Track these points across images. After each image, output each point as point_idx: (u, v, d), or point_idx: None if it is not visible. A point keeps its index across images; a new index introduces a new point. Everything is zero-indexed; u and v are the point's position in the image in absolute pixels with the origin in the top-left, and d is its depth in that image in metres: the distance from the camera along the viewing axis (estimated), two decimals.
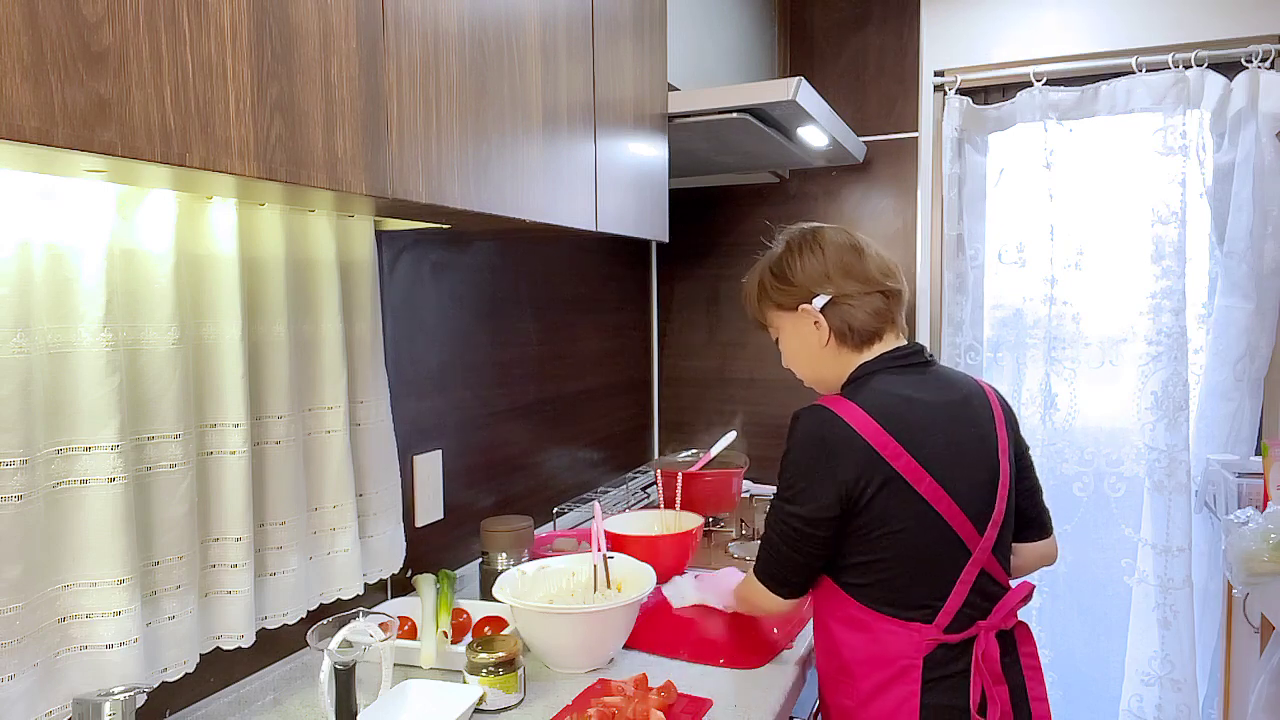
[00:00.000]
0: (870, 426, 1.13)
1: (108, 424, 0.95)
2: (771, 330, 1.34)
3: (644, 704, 1.14)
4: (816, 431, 1.15)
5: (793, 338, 1.30)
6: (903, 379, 1.21)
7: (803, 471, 1.15)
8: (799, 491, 1.15)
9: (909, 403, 1.17)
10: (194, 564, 1.07)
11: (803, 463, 1.15)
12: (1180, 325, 2.19)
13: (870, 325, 1.24)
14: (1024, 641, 1.25)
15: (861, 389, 1.19)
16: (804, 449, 1.16)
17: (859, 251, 1.26)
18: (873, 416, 1.14)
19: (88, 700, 0.90)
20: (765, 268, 1.31)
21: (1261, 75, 2.13)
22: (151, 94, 0.68)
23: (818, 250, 1.26)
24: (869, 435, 1.12)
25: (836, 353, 1.25)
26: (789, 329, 1.30)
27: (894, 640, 1.15)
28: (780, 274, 1.28)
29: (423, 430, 1.60)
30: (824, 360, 1.27)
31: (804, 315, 1.25)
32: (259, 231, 1.16)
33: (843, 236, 1.28)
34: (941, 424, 1.17)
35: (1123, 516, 2.37)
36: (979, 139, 2.46)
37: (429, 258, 1.60)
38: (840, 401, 1.16)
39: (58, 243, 0.92)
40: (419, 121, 0.99)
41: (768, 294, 1.30)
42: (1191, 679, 2.21)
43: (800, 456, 1.16)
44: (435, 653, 1.29)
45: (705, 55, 2.04)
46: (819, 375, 1.30)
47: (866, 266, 1.25)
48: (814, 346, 1.26)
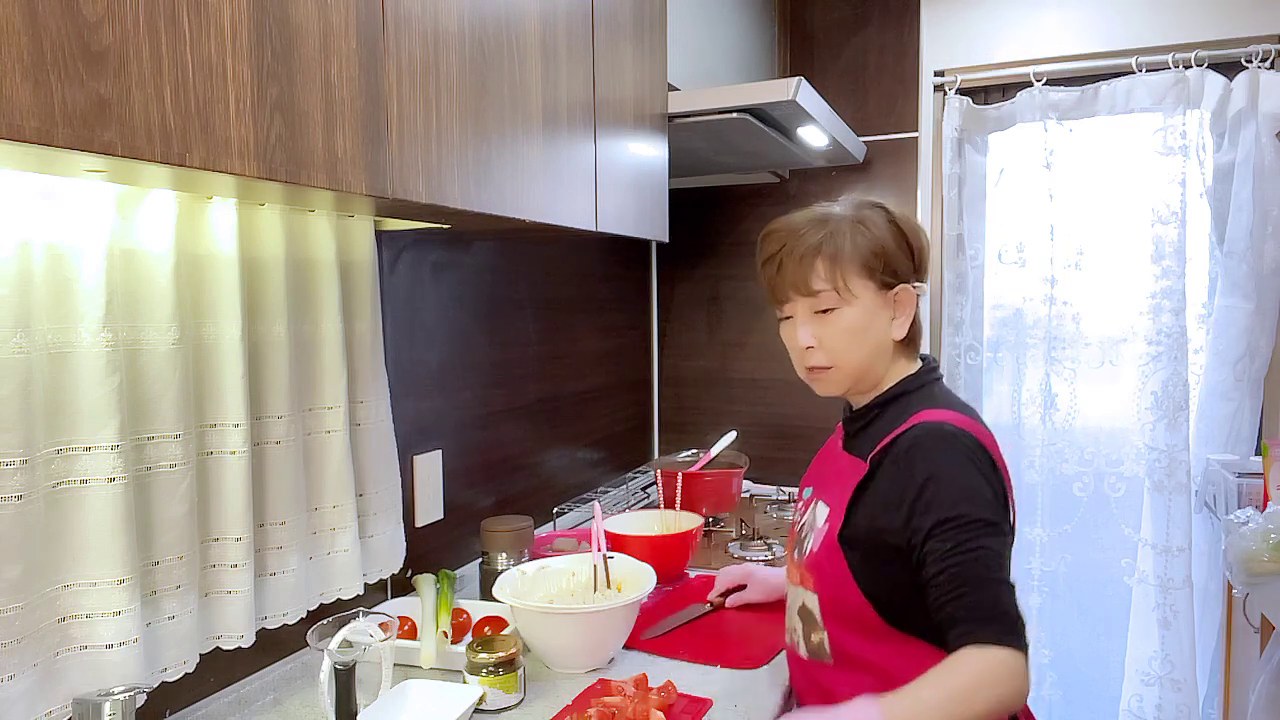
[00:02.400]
0: (990, 441, 1.05)
1: (108, 424, 0.95)
2: (825, 299, 1.09)
3: (644, 704, 1.14)
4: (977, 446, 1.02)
5: (867, 318, 1.09)
6: (947, 389, 1.15)
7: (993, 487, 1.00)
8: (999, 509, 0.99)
9: (974, 409, 1.11)
10: (194, 564, 1.07)
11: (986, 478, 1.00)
12: (1180, 325, 2.19)
13: (920, 329, 1.15)
14: None
15: (940, 401, 1.09)
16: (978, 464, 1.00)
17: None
18: (991, 436, 1.06)
19: (88, 700, 0.90)
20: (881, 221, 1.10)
21: (1261, 75, 2.13)
22: (151, 94, 0.68)
23: (915, 231, 1.13)
24: (994, 451, 1.04)
25: (894, 353, 1.13)
26: (867, 307, 1.09)
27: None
28: (900, 239, 1.10)
29: (423, 430, 1.60)
30: (883, 357, 1.12)
31: (899, 298, 1.10)
32: (259, 231, 1.16)
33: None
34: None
35: (1123, 516, 2.37)
36: (979, 139, 2.46)
37: (429, 258, 1.60)
38: (953, 416, 1.05)
39: (58, 243, 0.92)
40: (419, 121, 0.99)
41: (871, 254, 1.08)
42: (1191, 679, 2.21)
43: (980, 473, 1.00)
44: (435, 653, 1.29)
45: (705, 55, 2.04)
46: (865, 371, 1.12)
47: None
48: (884, 338, 1.11)
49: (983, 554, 0.95)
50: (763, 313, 2.61)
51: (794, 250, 1.09)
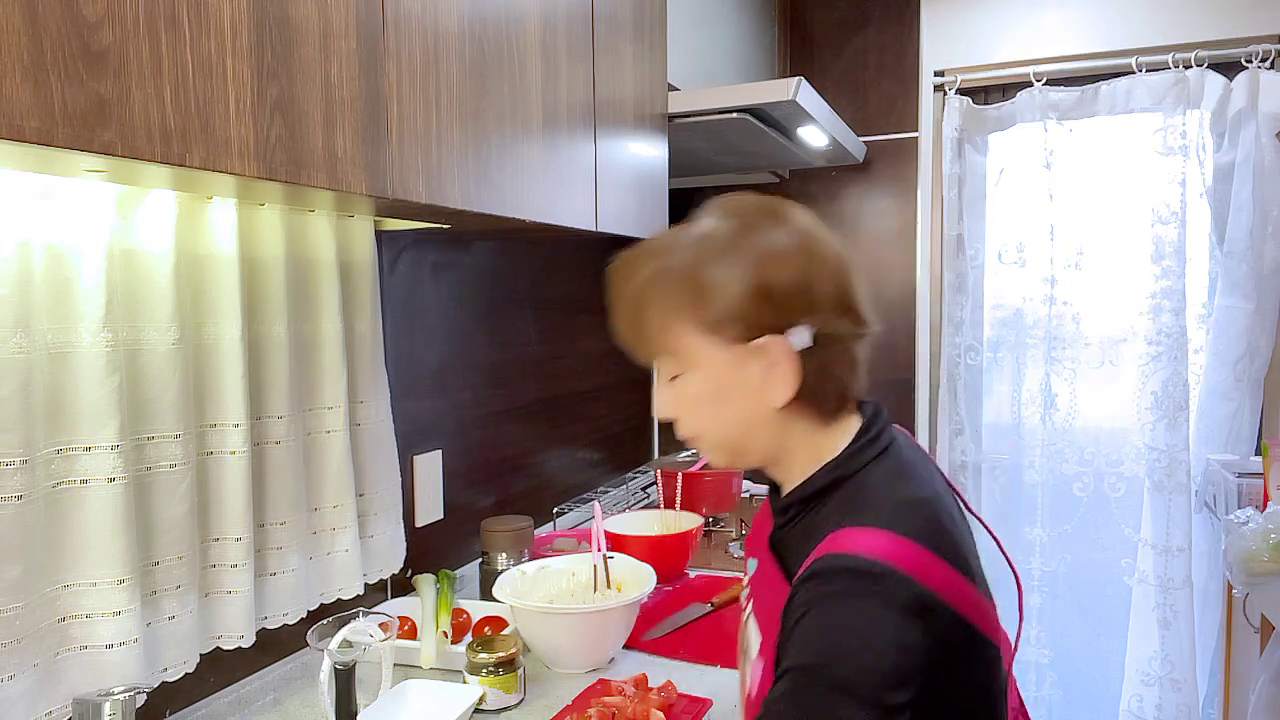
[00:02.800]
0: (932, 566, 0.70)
1: (108, 424, 0.95)
2: (669, 363, 0.82)
3: (644, 704, 1.14)
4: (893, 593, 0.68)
5: (721, 385, 0.80)
6: (895, 470, 0.79)
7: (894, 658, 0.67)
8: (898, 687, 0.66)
9: (935, 509, 0.75)
10: (194, 564, 1.07)
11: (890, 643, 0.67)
12: (1180, 325, 2.19)
13: (851, 389, 0.81)
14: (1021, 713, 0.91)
15: (869, 503, 0.75)
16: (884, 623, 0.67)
17: (847, 265, 0.81)
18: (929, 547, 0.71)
19: (88, 700, 0.90)
20: (696, 257, 0.79)
21: (1261, 75, 2.13)
22: (151, 94, 0.68)
23: (803, 245, 0.78)
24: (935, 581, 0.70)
25: (787, 422, 0.80)
26: (717, 369, 0.80)
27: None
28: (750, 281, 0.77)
29: (423, 430, 1.60)
30: (765, 429, 0.81)
31: (756, 355, 0.77)
32: (259, 231, 1.16)
33: (822, 235, 0.81)
34: (954, 508, 0.80)
35: (1123, 516, 2.37)
36: (979, 139, 2.46)
37: (429, 258, 1.60)
38: (876, 537, 0.71)
39: (58, 243, 0.92)
40: (419, 121, 0.99)
41: (699, 303, 0.78)
42: (1191, 679, 2.21)
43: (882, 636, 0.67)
44: (435, 653, 1.29)
45: (705, 55, 2.04)
46: (735, 444, 0.83)
47: (858, 292, 0.80)
48: (756, 405, 0.79)
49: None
50: None
51: (620, 302, 0.83)
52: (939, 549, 0.72)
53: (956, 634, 0.71)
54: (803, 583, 0.72)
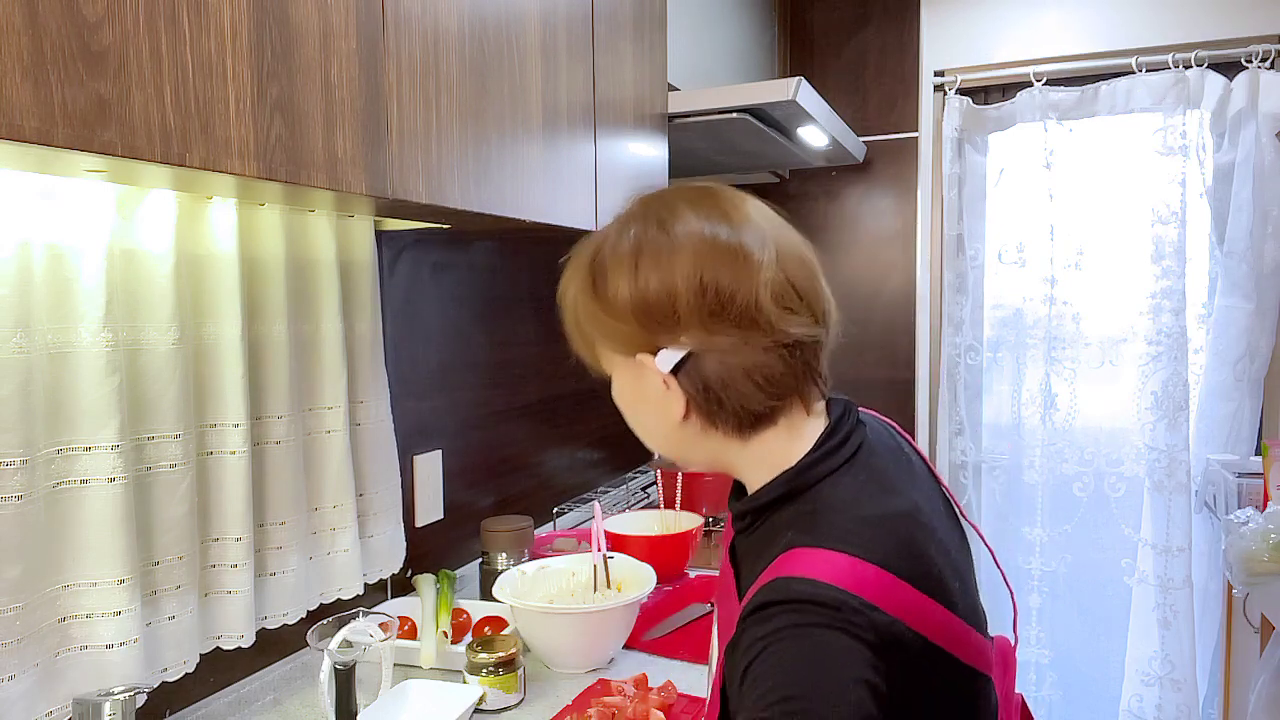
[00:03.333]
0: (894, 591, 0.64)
1: (108, 424, 0.95)
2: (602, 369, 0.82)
3: (644, 704, 1.14)
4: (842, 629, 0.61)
5: (632, 393, 0.78)
6: (862, 482, 0.71)
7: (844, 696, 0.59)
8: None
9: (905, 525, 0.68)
10: (194, 564, 1.07)
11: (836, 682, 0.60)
12: (1180, 325, 2.20)
13: (758, 405, 0.72)
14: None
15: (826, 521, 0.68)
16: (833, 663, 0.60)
17: (744, 262, 0.70)
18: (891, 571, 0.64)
19: (88, 700, 0.90)
20: (584, 272, 0.76)
21: (1261, 75, 2.13)
22: (151, 94, 0.68)
23: (663, 254, 0.71)
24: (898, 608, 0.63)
25: (702, 434, 0.75)
26: (625, 378, 0.78)
27: None
28: (601, 287, 0.74)
29: (423, 430, 1.60)
30: (683, 439, 0.77)
31: (641, 369, 0.74)
32: (259, 231, 1.16)
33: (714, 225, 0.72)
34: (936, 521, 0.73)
35: (1123, 516, 2.37)
36: (979, 139, 2.46)
37: (429, 258, 1.60)
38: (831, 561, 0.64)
39: (58, 243, 0.92)
40: (419, 121, 0.99)
41: (580, 316, 0.77)
42: (1191, 679, 2.21)
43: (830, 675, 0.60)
44: (435, 653, 1.29)
45: (705, 55, 2.04)
46: (674, 453, 0.80)
47: (753, 294, 0.69)
48: (662, 417, 0.75)
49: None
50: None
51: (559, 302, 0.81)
52: (905, 573, 0.65)
53: (926, 664, 0.65)
54: (750, 614, 0.64)
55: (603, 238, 0.76)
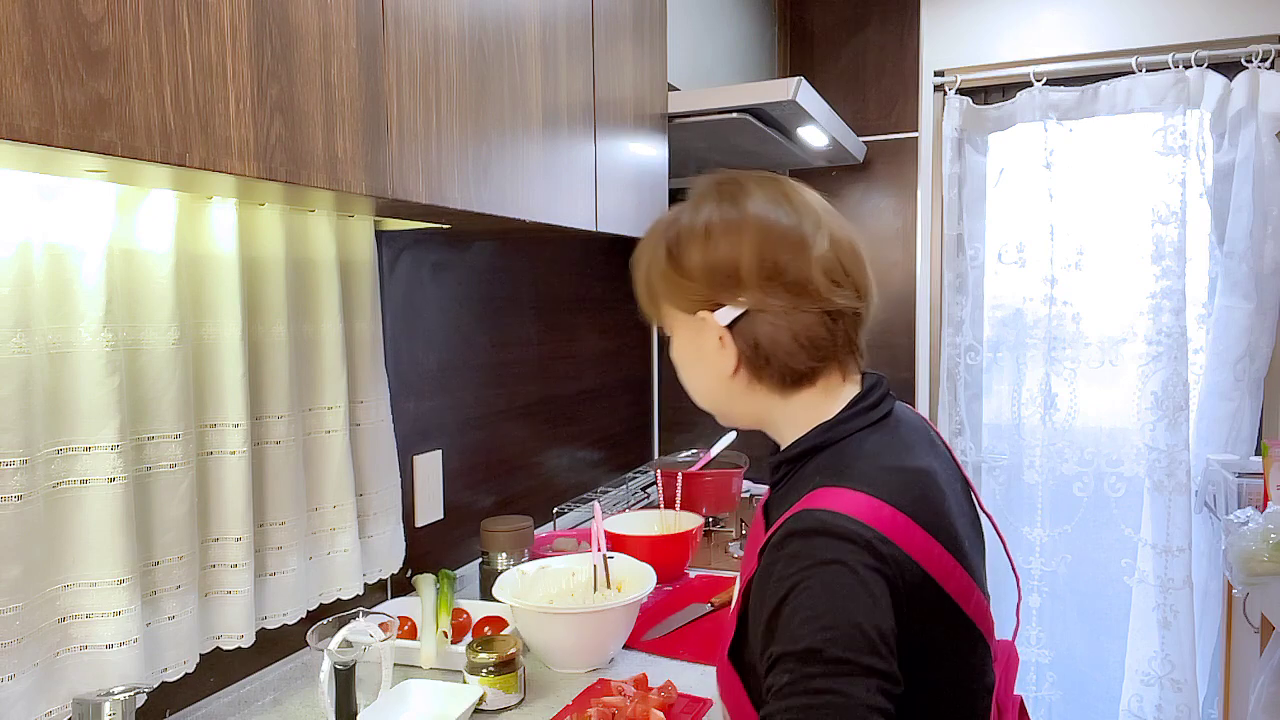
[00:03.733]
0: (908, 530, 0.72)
1: (108, 424, 0.95)
2: (665, 328, 0.91)
3: (644, 704, 1.14)
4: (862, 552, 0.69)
5: (689, 350, 0.87)
6: (887, 440, 0.81)
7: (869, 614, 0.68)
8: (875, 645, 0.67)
9: (922, 480, 0.77)
10: (194, 564, 1.07)
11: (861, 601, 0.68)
12: (1180, 325, 2.20)
13: (799, 362, 0.81)
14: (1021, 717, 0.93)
15: (852, 467, 0.77)
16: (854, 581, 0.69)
17: (800, 238, 0.80)
18: (906, 513, 0.73)
19: (88, 700, 0.90)
20: (660, 240, 0.86)
21: (1261, 75, 2.13)
22: (151, 94, 0.68)
23: (731, 225, 0.81)
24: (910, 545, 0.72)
25: (748, 389, 0.84)
26: (685, 336, 0.87)
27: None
28: (676, 252, 0.83)
29: (423, 430, 1.60)
30: (730, 393, 0.86)
31: (704, 326, 0.83)
32: (259, 231, 1.16)
33: (778, 206, 0.83)
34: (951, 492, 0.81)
35: (1123, 516, 2.37)
36: (979, 139, 2.46)
37: (429, 258, 1.60)
38: (853, 498, 0.72)
39: (58, 243, 0.92)
40: (419, 121, 0.99)
41: (654, 278, 0.87)
42: (1191, 679, 2.21)
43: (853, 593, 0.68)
44: (435, 653, 1.29)
45: (705, 55, 2.04)
46: (719, 408, 0.90)
47: (806, 267, 0.80)
48: (715, 372, 0.84)
49: (831, 701, 0.65)
50: None
51: (632, 268, 0.91)
52: (919, 518, 0.73)
53: (933, 604, 0.73)
54: (779, 543, 0.73)
55: (679, 211, 0.86)
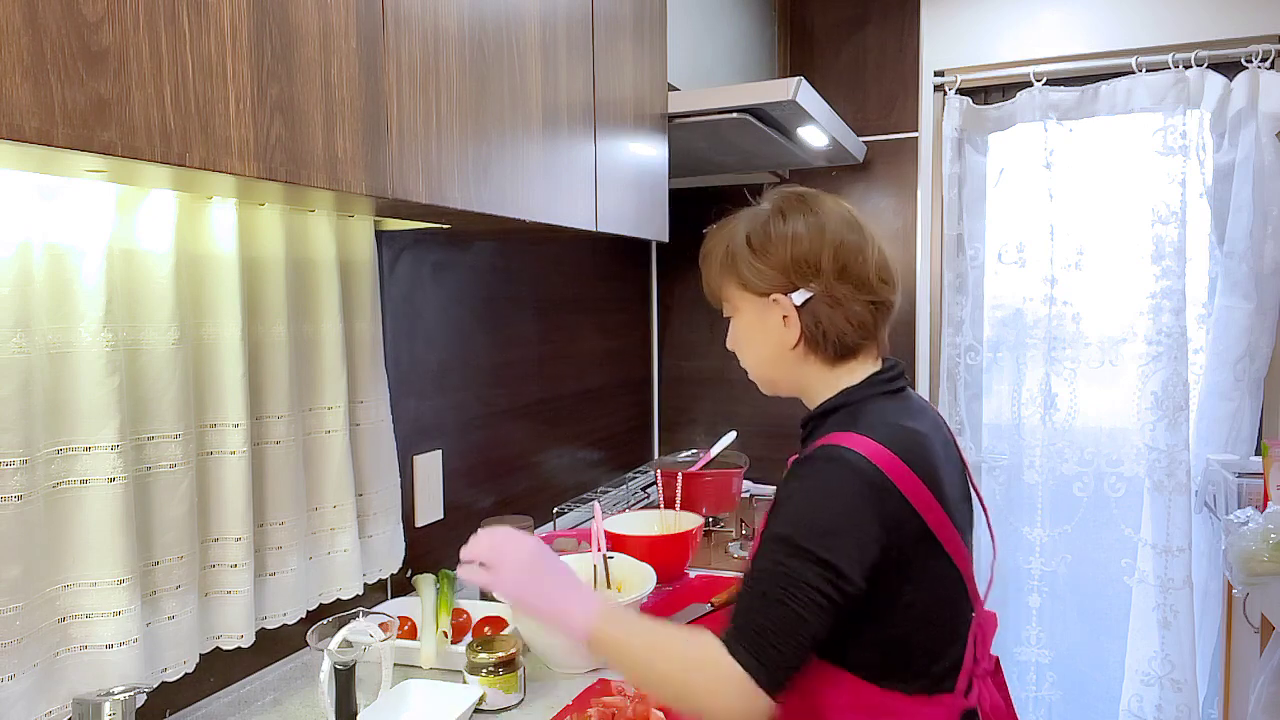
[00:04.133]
0: (899, 469, 0.89)
1: (108, 424, 0.95)
2: (725, 307, 1.09)
3: (644, 704, 1.14)
4: (863, 482, 0.88)
5: (753, 327, 1.04)
6: (896, 407, 0.99)
7: (851, 528, 0.87)
8: (834, 545, 0.85)
9: (918, 437, 0.94)
10: (194, 564, 1.07)
11: (850, 515, 0.87)
12: (1180, 325, 2.19)
13: (849, 339, 1.00)
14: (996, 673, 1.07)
15: (864, 420, 0.95)
16: (840, 495, 0.88)
17: (861, 240, 1.01)
18: (896, 454, 0.90)
19: (88, 700, 0.90)
20: (742, 231, 1.04)
21: (1261, 75, 2.13)
22: (151, 94, 0.68)
23: (814, 226, 1.00)
24: (900, 481, 0.89)
25: (802, 360, 1.02)
26: (749, 315, 1.04)
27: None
28: (760, 246, 1.01)
29: (423, 430, 1.60)
30: (785, 363, 1.03)
31: (774, 306, 1.01)
32: (259, 231, 1.16)
33: (847, 215, 1.03)
34: (940, 458, 0.97)
35: (1123, 516, 2.37)
36: (979, 139, 2.46)
37: (429, 258, 1.60)
38: (874, 447, 0.90)
39: (58, 243, 0.92)
40: (419, 121, 0.99)
41: (735, 266, 1.03)
42: (1191, 679, 2.21)
43: (835, 504, 0.87)
44: (435, 653, 1.29)
45: (705, 55, 2.04)
46: (770, 376, 1.07)
47: (865, 264, 1.00)
48: (777, 345, 1.02)
49: (779, 573, 0.86)
50: None
51: (702, 259, 1.10)
52: (911, 463, 0.90)
53: (909, 524, 0.89)
54: (793, 469, 0.93)
55: (756, 213, 1.05)
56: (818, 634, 0.86)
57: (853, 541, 0.86)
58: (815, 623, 0.85)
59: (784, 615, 0.84)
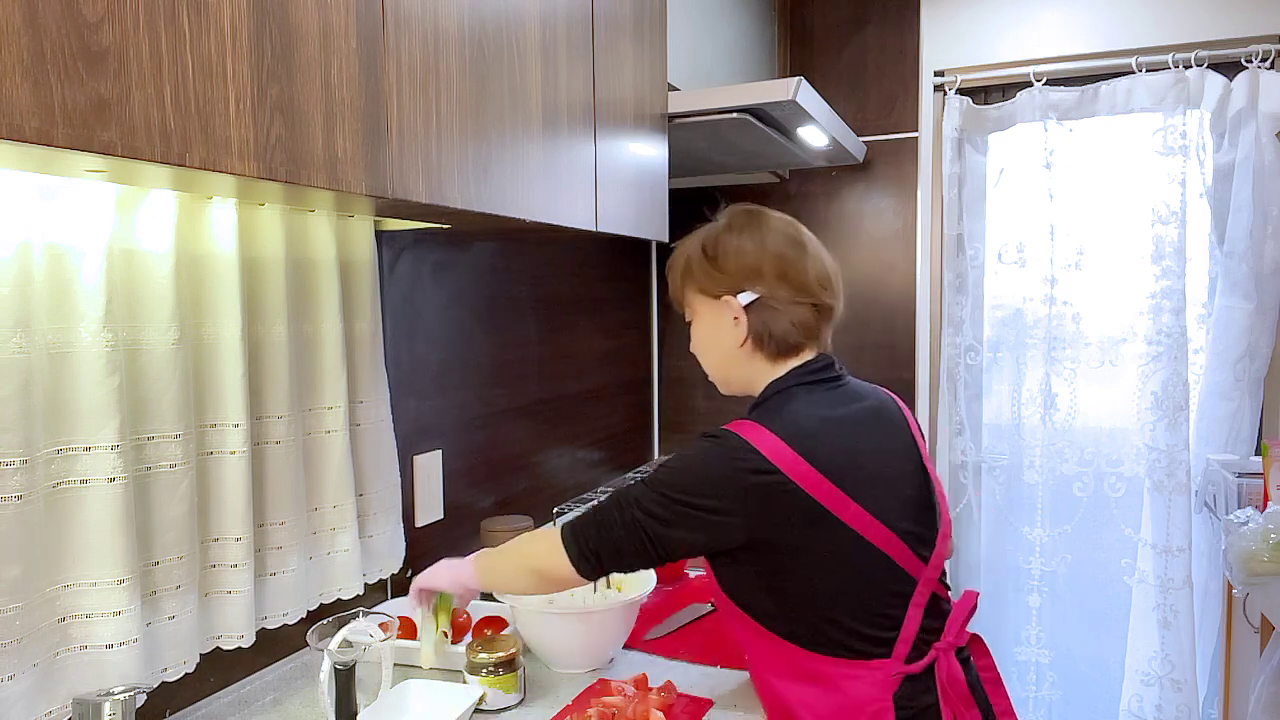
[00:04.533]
0: (788, 457, 1.01)
1: (107, 424, 0.95)
2: (687, 312, 1.22)
3: (644, 704, 1.14)
4: (733, 463, 1.01)
5: (708, 328, 1.18)
6: (816, 397, 1.10)
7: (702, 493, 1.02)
8: (680, 503, 1.02)
9: (826, 423, 1.07)
10: (194, 564, 1.07)
11: (707, 485, 1.02)
12: (1180, 325, 2.19)
13: (791, 337, 1.13)
14: (979, 654, 1.15)
15: (775, 413, 1.07)
16: (715, 477, 1.02)
17: (800, 251, 1.14)
18: (792, 446, 1.02)
19: (88, 700, 0.90)
20: (698, 243, 1.18)
21: (1261, 75, 2.13)
22: (151, 94, 0.68)
23: (757, 239, 1.14)
24: (788, 468, 1.01)
25: (750, 357, 1.15)
26: (707, 317, 1.18)
27: (857, 685, 1.03)
28: (713, 255, 1.15)
29: (423, 430, 1.60)
30: (735, 361, 1.16)
31: (725, 307, 1.14)
32: (259, 231, 1.16)
33: (788, 230, 1.16)
34: (863, 444, 1.08)
35: (1123, 516, 2.37)
36: (979, 139, 2.46)
37: (429, 258, 1.60)
38: (755, 429, 1.03)
39: (58, 243, 0.92)
40: (419, 121, 0.99)
41: (693, 272, 1.17)
42: (1191, 679, 2.21)
43: (705, 479, 1.02)
44: (435, 653, 1.29)
45: (705, 55, 2.04)
46: (726, 375, 1.19)
47: (804, 271, 1.13)
48: (728, 344, 1.15)
49: (627, 494, 1.07)
50: None
51: (668, 269, 1.24)
52: (807, 450, 1.02)
53: (795, 507, 1.01)
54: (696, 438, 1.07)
55: (713, 227, 1.19)
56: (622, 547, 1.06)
57: (692, 501, 1.02)
58: (624, 535, 1.06)
59: (617, 524, 1.06)
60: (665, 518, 1.03)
